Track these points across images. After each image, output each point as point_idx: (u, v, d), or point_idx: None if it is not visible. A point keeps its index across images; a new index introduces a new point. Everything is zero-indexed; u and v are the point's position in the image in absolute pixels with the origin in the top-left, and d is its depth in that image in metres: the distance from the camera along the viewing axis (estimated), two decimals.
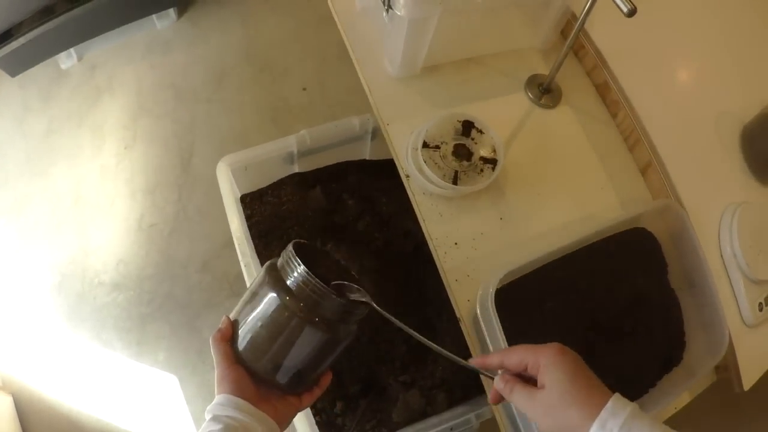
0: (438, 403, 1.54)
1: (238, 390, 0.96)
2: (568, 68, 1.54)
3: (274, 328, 0.97)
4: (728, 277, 1.35)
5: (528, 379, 0.87)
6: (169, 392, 2.28)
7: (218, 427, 0.91)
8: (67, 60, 2.78)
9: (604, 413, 0.76)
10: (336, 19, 1.51)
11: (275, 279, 0.98)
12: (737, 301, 1.34)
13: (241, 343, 1.00)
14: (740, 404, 1.37)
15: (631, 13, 1.07)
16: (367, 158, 1.86)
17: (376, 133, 1.69)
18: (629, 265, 1.33)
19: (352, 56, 1.47)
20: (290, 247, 1.00)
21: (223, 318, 1.04)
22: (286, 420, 1.02)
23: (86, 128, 2.67)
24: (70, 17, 2.49)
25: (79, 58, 2.81)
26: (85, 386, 2.28)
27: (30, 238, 2.47)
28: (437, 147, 1.28)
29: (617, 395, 0.79)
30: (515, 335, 1.12)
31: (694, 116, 1.47)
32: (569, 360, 0.83)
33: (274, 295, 0.96)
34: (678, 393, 1.24)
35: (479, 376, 1.03)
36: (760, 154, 1.44)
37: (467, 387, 1.56)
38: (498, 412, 1.17)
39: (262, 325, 0.98)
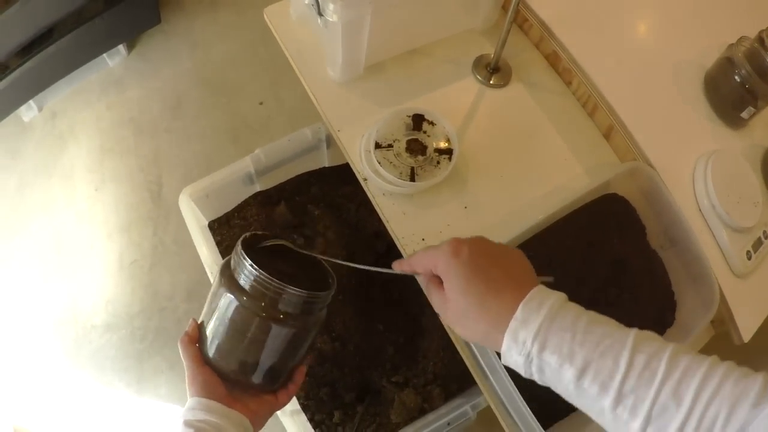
0: (434, 399, 1.49)
1: (207, 391, 0.92)
2: (515, 44, 1.46)
3: (237, 329, 0.93)
4: (710, 229, 1.28)
5: None
6: (176, 424, 2.21)
7: None
8: (28, 112, 2.70)
9: (513, 323, 0.68)
10: (273, 31, 1.43)
11: (229, 280, 0.93)
12: (723, 253, 1.27)
13: (210, 345, 0.96)
14: (748, 354, 1.32)
15: None
16: (327, 165, 1.80)
17: (331, 140, 1.62)
18: (604, 234, 1.26)
19: (294, 66, 1.38)
20: (238, 245, 0.95)
21: (191, 321, 1.00)
22: (262, 419, 0.98)
23: (56, 177, 2.61)
24: (25, 70, 2.43)
25: (40, 109, 2.73)
26: (96, 431, 2.24)
27: (19, 294, 2.40)
28: (390, 146, 1.21)
29: (531, 296, 0.69)
30: None
31: (651, 70, 1.40)
32: (461, 263, 0.75)
33: (231, 296, 0.92)
34: None
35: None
36: (726, 98, 1.36)
37: (461, 378, 1.50)
38: (492, 400, 1.10)
39: (225, 327, 0.94)
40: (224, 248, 1.67)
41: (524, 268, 0.77)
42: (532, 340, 0.66)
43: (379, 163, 1.18)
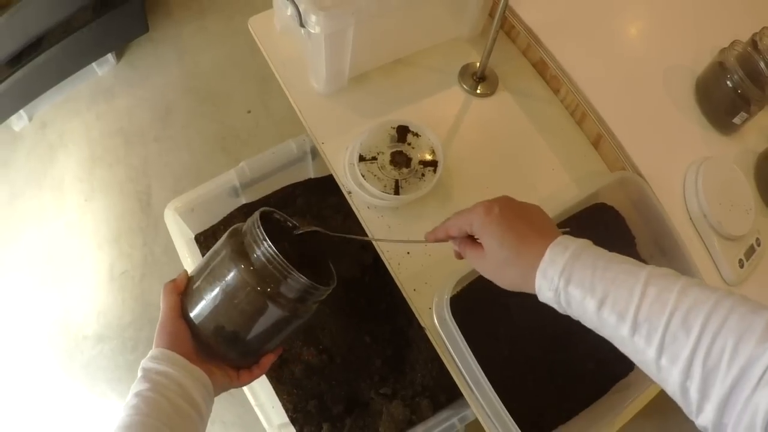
0: (422, 411, 1.46)
1: (174, 344, 0.90)
2: (502, 52, 1.44)
3: (229, 295, 0.91)
4: (701, 238, 1.26)
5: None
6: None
7: (145, 386, 0.84)
8: (18, 122, 2.68)
9: (542, 264, 0.75)
10: (257, 42, 1.42)
11: (236, 246, 0.92)
12: (715, 262, 1.25)
13: (194, 302, 0.94)
14: None
15: None
16: (312, 177, 1.77)
17: (317, 152, 1.59)
18: (594, 243, 1.24)
19: (278, 78, 1.36)
20: (256, 216, 0.93)
21: (182, 271, 0.98)
22: (218, 389, 0.95)
23: (46, 188, 2.58)
24: (15, 80, 2.41)
25: (30, 118, 2.70)
26: None
27: (11, 305, 2.38)
28: (374, 158, 1.19)
29: (558, 240, 0.77)
30: (482, 337, 1.06)
31: (641, 77, 1.38)
32: (495, 220, 0.82)
33: (233, 263, 0.91)
34: None
35: None
36: (719, 103, 1.34)
37: (450, 390, 1.47)
38: (479, 412, 1.07)
39: (217, 290, 0.92)
40: None
41: (546, 219, 0.85)
42: (558, 276, 0.73)
43: (363, 176, 1.16)
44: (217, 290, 0.92)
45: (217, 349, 0.94)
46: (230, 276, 0.90)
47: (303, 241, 1.02)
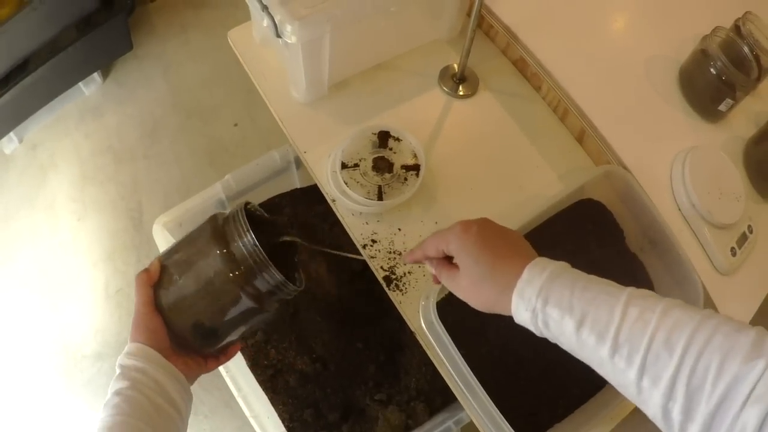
0: (418, 415, 1.47)
1: (150, 339, 0.90)
2: (481, 52, 1.43)
3: (203, 285, 0.91)
4: (691, 228, 1.24)
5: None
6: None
7: (125, 384, 0.84)
8: (9, 144, 2.68)
9: (520, 283, 0.74)
10: (237, 54, 1.41)
11: (218, 237, 0.92)
12: (706, 251, 1.24)
13: (166, 290, 0.93)
14: None
15: None
16: (298, 187, 1.77)
17: (301, 161, 1.60)
18: (582, 240, 1.23)
19: (259, 89, 1.36)
20: (240, 206, 0.94)
21: (154, 260, 0.96)
22: (191, 380, 0.96)
23: (39, 209, 2.59)
24: (3, 103, 2.42)
25: (20, 140, 2.71)
26: None
27: (8, 327, 2.38)
28: (356, 165, 1.18)
29: (536, 261, 0.75)
30: (472, 338, 1.08)
31: (623, 69, 1.37)
32: (471, 238, 0.80)
33: (212, 254, 0.91)
34: None
35: None
36: (703, 91, 1.33)
37: (445, 393, 1.47)
38: (474, 415, 1.06)
39: (192, 278, 0.92)
40: None
41: (524, 242, 0.83)
42: (536, 296, 0.71)
43: (346, 183, 1.16)
44: (193, 279, 0.92)
45: (190, 340, 0.95)
46: (207, 264, 0.90)
47: (276, 240, 1.02)
